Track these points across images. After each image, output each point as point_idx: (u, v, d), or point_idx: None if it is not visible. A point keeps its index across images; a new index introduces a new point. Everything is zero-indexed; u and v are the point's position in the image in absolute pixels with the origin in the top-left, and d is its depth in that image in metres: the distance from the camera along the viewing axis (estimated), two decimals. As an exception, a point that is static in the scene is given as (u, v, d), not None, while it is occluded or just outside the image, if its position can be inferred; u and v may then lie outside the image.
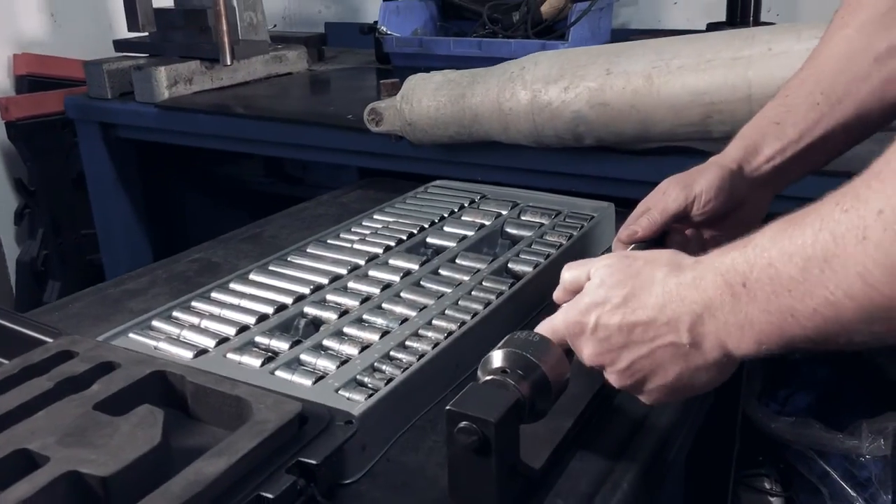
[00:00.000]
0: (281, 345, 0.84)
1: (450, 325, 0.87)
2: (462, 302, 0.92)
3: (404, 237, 1.11)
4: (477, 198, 1.26)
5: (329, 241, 1.11)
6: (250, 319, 0.89)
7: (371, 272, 1.01)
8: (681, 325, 0.61)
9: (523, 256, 1.05)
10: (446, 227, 1.15)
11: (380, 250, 1.06)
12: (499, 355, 0.65)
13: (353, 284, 0.98)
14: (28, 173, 2.34)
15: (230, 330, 0.87)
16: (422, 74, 1.40)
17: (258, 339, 0.86)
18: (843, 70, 0.83)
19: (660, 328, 0.62)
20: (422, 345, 0.83)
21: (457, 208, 1.22)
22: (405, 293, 0.95)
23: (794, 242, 0.51)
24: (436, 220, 1.17)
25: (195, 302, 0.94)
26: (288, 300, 0.93)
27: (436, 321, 0.88)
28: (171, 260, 1.22)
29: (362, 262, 1.03)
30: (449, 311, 0.90)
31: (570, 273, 0.72)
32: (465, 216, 1.19)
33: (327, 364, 0.80)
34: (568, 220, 1.16)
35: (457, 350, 0.83)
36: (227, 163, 2.09)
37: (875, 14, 0.81)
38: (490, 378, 0.64)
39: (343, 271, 1.00)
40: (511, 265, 1.03)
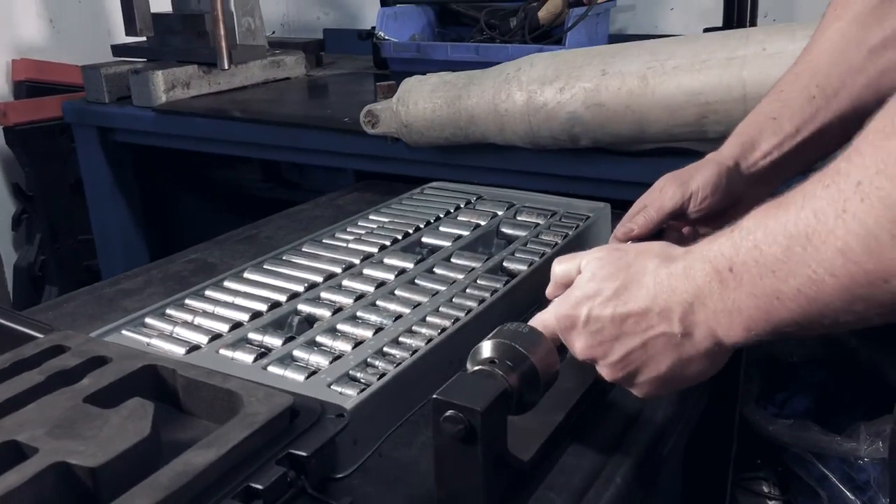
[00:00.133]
0: (274, 341, 0.84)
1: (444, 322, 0.86)
2: (456, 299, 0.92)
3: (399, 237, 1.10)
4: (473, 199, 1.26)
5: (324, 241, 1.11)
6: (244, 316, 0.89)
7: (366, 270, 1.01)
8: (673, 316, 0.60)
9: (518, 255, 1.04)
10: (442, 227, 1.15)
11: (375, 249, 1.06)
12: (488, 346, 0.65)
13: (348, 282, 0.97)
14: (26, 179, 2.35)
15: (223, 327, 0.86)
16: (418, 76, 1.41)
17: (251, 336, 0.85)
18: (838, 63, 0.83)
19: (652, 319, 0.62)
20: (415, 341, 0.83)
21: (452, 209, 1.22)
22: (399, 291, 0.95)
23: (778, 222, 0.51)
24: (431, 221, 1.17)
25: (189, 300, 0.94)
26: (282, 298, 0.93)
27: (430, 318, 0.88)
28: (167, 260, 1.22)
29: (357, 261, 1.03)
30: (443, 308, 0.90)
31: (561, 267, 0.71)
32: (461, 216, 1.19)
33: (320, 360, 0.80)
34: (564, 220, 1.16)
35: (451, 346, 0.83)
36: (225, 167, 2.09)
37: (868, 6, 0.81)
38: (478, 368, 0.63)
39: (338, 270, 1.00)
40: (506, 264, 1.02)
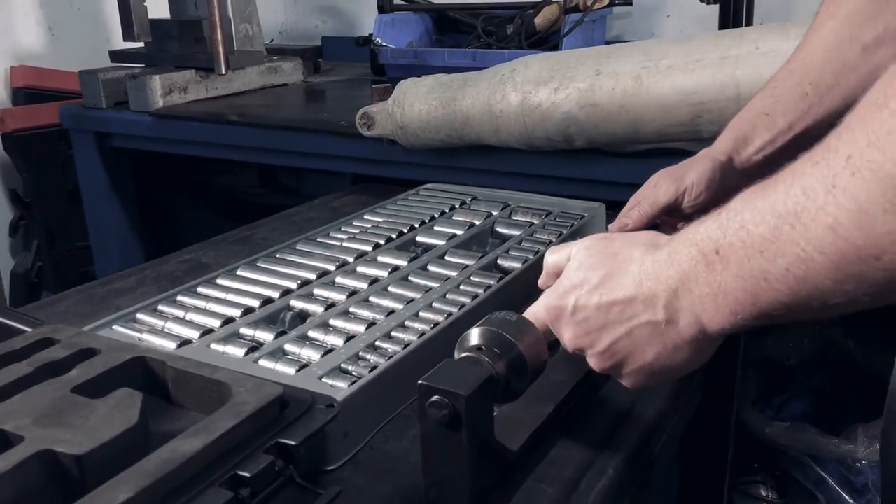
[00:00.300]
0: (266, 336, 0.83)
1: (437, 317, 0.86)
2: (450, 295, 0.92)
3: (394, 235, 1.10)
4: (468, 199, 1.26)
5: (318, 240, 1.11)
6: (236, 312, 0.88)
7: (359, 268, 1.00)
8: (657, 303, 0.60)
9: (512, 253, 1.04)
10: (436, 227, 1.14)
11: (369, 248, 1.06)
12: (476, 333, 0.65)
13: (341, 279, 0.97)
14: (23, 185, 2.34)
15: (215, 322, 0.86)
16: (413, 79, 1.41)
17: (243, 331, 0.85)
18: (831, 60, 0.83)
19: (636, 307, 0.61)
20: (408, 335, 0.83)
21: (447, 209, 1.21)
22: (393, 287, 0.94)
23: (767, 201, 0.50)
24: (426, 220, 1.16)
25: (181, 296, 0.94)
26: (274, 294, 0.93)
27: (423, 313, 0.87)
28: (161, 261, 1.21)
29: (351, 259, 1.02)
30: (436, 304, 0.89)
31: (553, 257, 0.71)
32: (456, 216, 1.19)
33: (311, 354, 0.79)
34: (559, 219, 1.16)
35: (444, 340, 0.82)
36: (222, 173, 2.09)
37: (861, 4, 0.81)
38: (465, 355, 0.63)
39: (331, 267, 1.00)
40: (500, 261, 1.02)
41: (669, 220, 0.89)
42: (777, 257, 0.49)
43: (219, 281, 0.97)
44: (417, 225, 1.15)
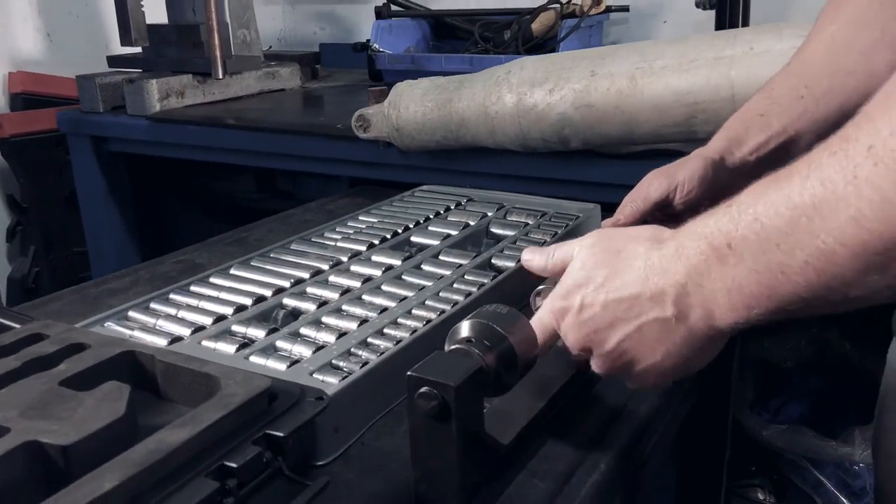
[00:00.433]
0: (257, 333, 0.83)
1: (429, 315, 0.86)
2: (443, 293, 0.92)
3: (388, 235, 1.10)
4: (463, 200, 1.26)
5: (313, 240, 1.11)
6: (228, 310, 0.88)
7: (353, 267, 1.00)
8: (666, 299, 0.58)
9: (507, 252, 1.04)
10: (431, 227, 1.14)
11: (363, 247, 1.06)
12: (466, 325, 0.64)
13: (334, 278, 0.97)
14: (21, 190, 2.35)
15: (207, 320, 0.86)
16: (409, 81, 1.41)
17: (235, 328, 0.85)
18: (828, 65, 0.83)
19: (644, 304, 0.60)
20: (400, 332, 0.82)
21: (442, 210, 1.21)
22: (386, 286, 0.94)
23: (781, 193, 0.49)
24: (421, 221, 1.16)
25: (173, 294, 0.93)
26: (267, 292, 0.92)
27: (416, 310, 0.87)
28: (155, 261, 1.21)
29: (345, 259, 1.02)
30: (429, 302, 0.89)
31: (560, 251, 0.70)
32: (451, 217, 1.18)
33: (303, 350, 0.79)
34: (553, 220, 1.16)
35: (436, 337, 0.81)
36: (219, 178, 2.09)
37: (859, 10, 0.82)
38: (455, 347, 0.63)
39: (325, 266, 1.00)
40: (494, 260, 1.02)
41: (662, 217, 0.89)
42: (795, 249, 0.48)
43: (212, 279, 0.97)
44: (412, 225, 1.14)
